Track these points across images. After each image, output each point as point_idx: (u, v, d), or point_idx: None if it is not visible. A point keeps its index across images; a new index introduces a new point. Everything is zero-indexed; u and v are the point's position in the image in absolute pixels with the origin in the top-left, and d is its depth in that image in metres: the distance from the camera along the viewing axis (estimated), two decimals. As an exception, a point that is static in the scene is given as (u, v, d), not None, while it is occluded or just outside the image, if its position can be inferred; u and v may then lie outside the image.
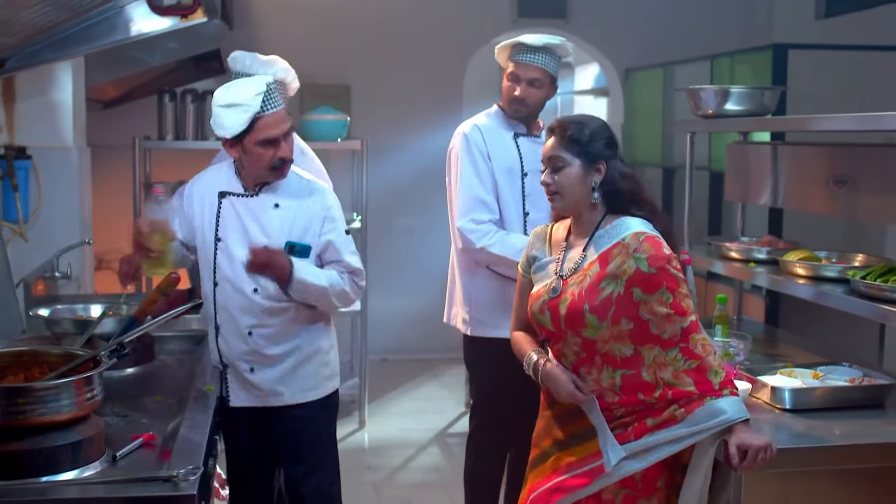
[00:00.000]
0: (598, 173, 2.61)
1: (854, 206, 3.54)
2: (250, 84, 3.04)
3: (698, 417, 2.46)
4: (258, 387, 3.17)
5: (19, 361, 2.51)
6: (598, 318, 2.53)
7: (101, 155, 4.95)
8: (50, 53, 3.82)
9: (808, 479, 2.62)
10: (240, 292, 3.10)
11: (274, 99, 3.02)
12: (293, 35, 6.97)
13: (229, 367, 3.18)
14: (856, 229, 5.99)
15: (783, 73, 5.58)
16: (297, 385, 3.20)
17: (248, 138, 3.01)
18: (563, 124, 2.65)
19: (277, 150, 3.04)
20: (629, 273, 2.52)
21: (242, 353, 3.15)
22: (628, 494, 2.57)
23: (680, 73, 7.13)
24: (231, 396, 3.19)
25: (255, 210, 3.12)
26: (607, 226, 2.62)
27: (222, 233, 3.12)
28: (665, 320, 2.51)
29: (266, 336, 3.13)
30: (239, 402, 3.19)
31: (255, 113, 2.97)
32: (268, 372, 3.16)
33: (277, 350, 3.15)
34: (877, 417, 2.89)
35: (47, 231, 4.32)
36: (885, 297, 3.02)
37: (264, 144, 3.02)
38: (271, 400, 3.19)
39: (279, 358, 3.16)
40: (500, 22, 7.54)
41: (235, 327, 3.13)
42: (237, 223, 3.12)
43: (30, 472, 2.18)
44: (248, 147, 3.03)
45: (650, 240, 2.54)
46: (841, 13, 6.65)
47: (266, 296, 3.10)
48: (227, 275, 3.11)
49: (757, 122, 4.11)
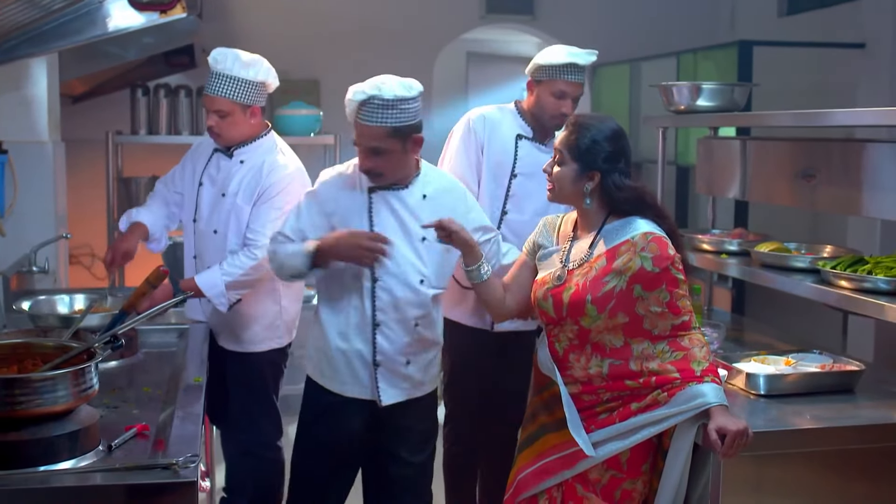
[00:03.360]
0: (591, 181, 2.70)
1: (818, 199, 3.65)
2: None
3: (679, 400, 2.56)
4: (410, 378, 3.14)
5: (14, 354, 2.53)
6: (598, 310, 2.61)
7: (71, 149, 4.93)
8: (27, 49, 3.82)
9: (782, 462, 2.72)
10: (406, 285, 3.06)
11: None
12: (263, 29, 6.98)
13: (382, 365, 3.11)
14: (819, 221, 6.15)
15: (748, 70, 5.70)
16: (431, 373, 3.22)
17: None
18: (575, 124, 2.74)
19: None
20: (633, 270, 2.60)
21: (404, 346, 3.10)
22: (614, 476, 2.67)
23: (646, 70, 7.24)
24: (382, 395, 3.12)
25: (406, 201, 3.10)
26: (615, 222, 2.71)
27: (379, 228, 3.07)
28: (658, 317, 2.62)
29: (427, 325, 3.12)
30: (391, 400, 3.13)
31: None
32: (419, 362, 3.14)
33: (434, 336, 3.17)
34: (847, 402, 2.99)
35: (23, 225, 4.32)
36: (854, 286, 3.13)
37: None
38: (416, 391, 3.18)
39: (432, 345, 3.18)
40: (468, 18, 7.61)
41: (401, 321, 3.08)
42: (391, 216, 3.09)
43: (28, 462, 2.20)
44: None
45: (657, 240, 2.64)
46: (802, 11, 6.79)
47: (430, 285, 3.09)
48: (391, 269, 3.06)
49: (729, 117, 4.22)
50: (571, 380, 2.70)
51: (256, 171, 3.54)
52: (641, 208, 2.71)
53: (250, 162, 3.57)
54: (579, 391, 2.69)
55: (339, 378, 3.15)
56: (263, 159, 3.56)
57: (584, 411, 2.68)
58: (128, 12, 3.85)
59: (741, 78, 5.66)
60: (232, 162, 3.60)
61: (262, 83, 3.54)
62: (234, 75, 3.47)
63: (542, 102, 3.61)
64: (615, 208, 2.72)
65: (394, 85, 2.95)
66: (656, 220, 2.71)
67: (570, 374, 2.70)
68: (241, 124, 3.55)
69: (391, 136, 2.96)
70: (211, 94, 3.50)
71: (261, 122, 3.63)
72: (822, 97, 6.26)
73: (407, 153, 3.02)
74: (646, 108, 7.03)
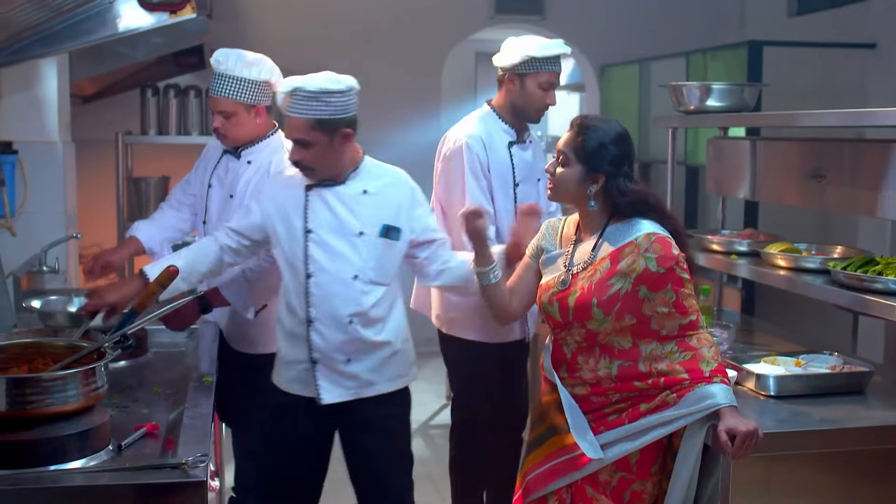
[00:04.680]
0: (595, 184, 2.69)
1: (828, 199, 3.64)
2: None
3: (689, 401, 2.56)
4: (356, 377, 3.12)
5: (24, 353, 2.54)
6: (604, 312, 2.61)
7: (81, 149, 4.95)
8: (38, 49, 3.83)
9: (792, 463, 2.71)
10: (338, 280, 3.06)
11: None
12: (273, 29, 7.00)
13: (320, 362, 3.11)
14: (829, 221, 6.12)
15: (758, 70, 5.68)
16: (388, 373, 3.16)
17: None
18: (581, 126, 2.72)
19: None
20: (638, 271, 2.60)
21: (340, 343, 3.08)
22: (623, 477, 2.66)
23: (655, 70, 7.23)
24: (323, 394, 3.12)
25: (342, 196, 3.10)
26: (618, 223, 2.70)
27: (313, 224, 3.09)
28: (666, 317, 2.61)
29: (366, 323, 3.08)
30: (332, 398, 3.12)
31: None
32: (366, 361, 3.11)
33: (378, 337, 3.11)
34: (857, 403, 2.99)
35: (33, 225, 4.34)
36: (865, 287, 3.12)
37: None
38: (364, 391, 3.13)
39: (378, 346, 3.12)
40: (477, 17, 7.61)
41: (334, 317, 3.07)
42: (327, 212, 3.09)
43: (39, 461, 2.21)
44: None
45: (661, 240, 2.63)
46: (812, 11, 6.77)
47: (366, 280, 3.07)
48: (323, 265, 3.06)
49: (739, 117, 4.21)
50: (580, 381, 2.70)
51: (264, 171, 3.55)
52: (644, 210, 2.70)
53: (257, 162, 3.58)
54: (588, 392, 2.69)
55: (284, 375, 3.18)
56: (270, 159, 3.56)
57: (593, 412, 2.68)
58: (138, 13, 3.86)
59: (751, 78, 5.65)
60: (239, 163, 3.60)
61: (265, 82, 3.54)
62: (236, 75, 3.48)
63: (528, 95, 3.62)
64: (618, 211, 2.71)
65: (321, 78, 2.99)
66: (660, 220, 2.70)
67: (578, 376, 2.70)
68: (246, 124, 3.55)
69: (315, 129, 2.98)
70: (214, 94, 3.51)
71: (267, 122, 3.63)
72: (832, 97, 6.24)
73: (334, 147, 3.03)
74: (655, 109, 7.02)
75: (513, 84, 3.64)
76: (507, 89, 3.67)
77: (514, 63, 3.60)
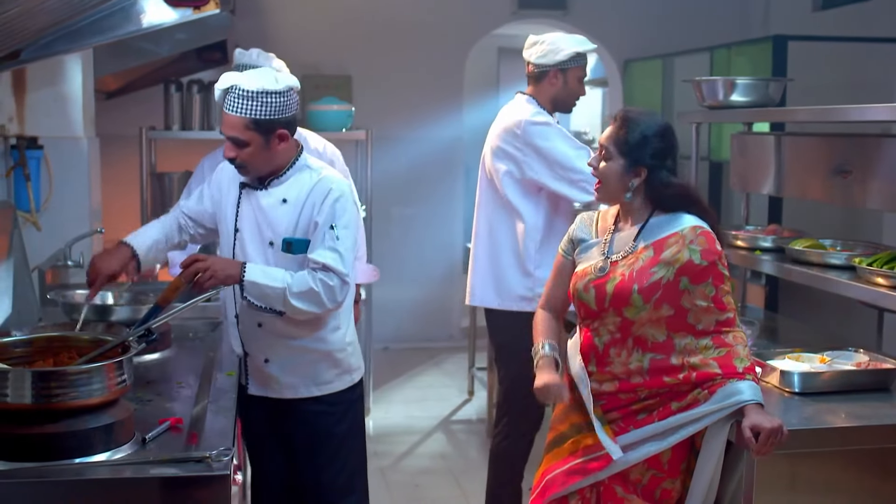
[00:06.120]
0: (638, 177, 2.68)
1: (854, 195, 3.61)
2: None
3: (718, 397, 2.55)
4: (274, 378, 3.16)
5: (49, 347, 2.56)
6: (643, 299, 2.60)
7: (105, 145, 4.98)
8: (63, 45, 3.84)
9: (816, 460, 2.69)
10: None
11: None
12: (296, 25, 7.00)
13: (250, 356, 3.17)
14: (854, 217, 6.07)
15: (783, 65, 5.63)
16: (311, 378, 3.16)
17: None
18: (623, 119, 2.71)
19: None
20: (682, 262, 2.59)
21: (259, 344, 3.14)
22: (654, 475, 2.66)
23: (679, 65, 7.19)
24: (250, 385, 3.19)
25: (260, 203, 3.09)
26: (661, 216, 2.69)
27: (240, 224, 3.11)
28: (703, 312, 2.60)
29: (274, 332, 3.09)
30: (256, 392, 3.19)
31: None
32: (285, 365, 3.13)
33: (290, 344, 3.11)
34: (882, 400, 2.96)
35: (58, 220, 4.36)
36: (891, 283, 3.09)
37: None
38: (286, 392, 3.17)
39: (295, 351, 3.12)
40: (500, 13, 7.60)
41: (250, 319, 3.11)
42: (252, 215, 3.10)
43: (64, 454, 2.23)
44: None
45: (706, 234, 2.63)
46: (837, 5, 6.71)
47: None
48: None
49: (764, 113, 4.17)
50: (609, 376, 2.69)
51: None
52: (687, 204, 2.69)
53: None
54: (616, 389, 2.68)
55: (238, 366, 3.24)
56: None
57: (621, 409, 2.67)
58: (161, 8, 3.86)
59: (775, 73, 5.60)
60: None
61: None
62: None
63: (571, 88, 3.92)
64: (660, 205, 2.70)
65: (260, 77, 2.97)
66: (701, 215, 2.69)
67: (608, 371, 2.69)
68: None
69: (250, 128, 2.94)
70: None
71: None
72: (857, 92, 6.19)
73: (270, 148, 2.99)
74: (679, 104, 6.98)
75: (556, 79, 3.90)
76: (549, 83, 3.91)
77: (560, 59, 3.86)
